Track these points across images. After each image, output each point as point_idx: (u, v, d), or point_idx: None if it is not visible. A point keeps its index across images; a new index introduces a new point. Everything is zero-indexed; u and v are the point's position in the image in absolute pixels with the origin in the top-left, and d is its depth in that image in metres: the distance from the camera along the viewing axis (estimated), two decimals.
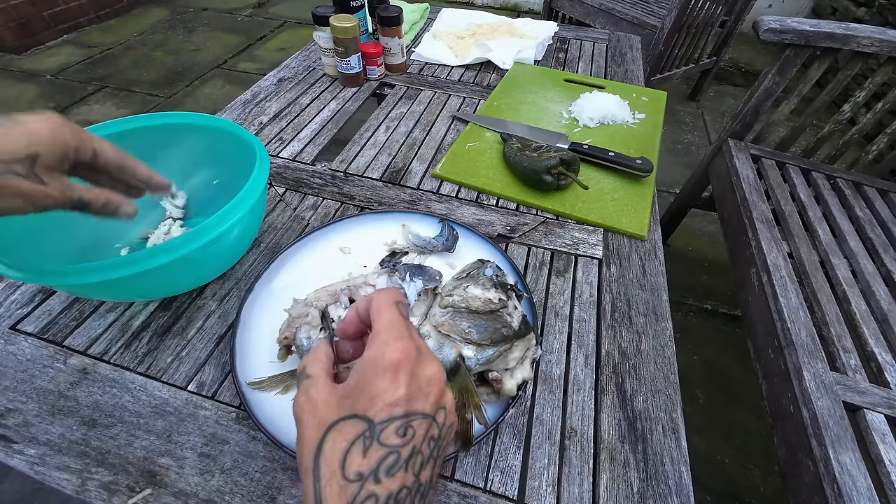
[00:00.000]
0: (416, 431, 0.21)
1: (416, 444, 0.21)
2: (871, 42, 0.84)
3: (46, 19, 2.25)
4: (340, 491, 0.19)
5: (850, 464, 0.51)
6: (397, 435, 0.21)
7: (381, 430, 0.21)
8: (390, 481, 0.20)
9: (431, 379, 0.23)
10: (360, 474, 0.20)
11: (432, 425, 0.22)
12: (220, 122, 0.48)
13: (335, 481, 0.20)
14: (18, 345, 0.42)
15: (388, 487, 0.20)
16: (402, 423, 0.21)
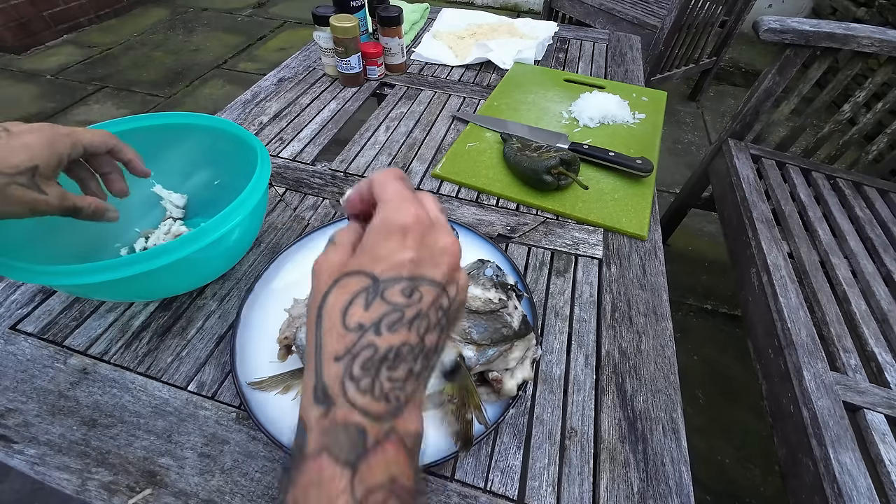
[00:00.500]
0: (424, 296, 0.21)
1: (423, 309, 0.21)
2: (871, 42, 0.84)
3: (46, 19, 2.25)
4: (339, 338, 0.20)
5: (850, 464, 0.51)
6: (402, 295, 0.20)
7: (386, 288, 0.20)
8: (392, 336, 0.20)
9: (444, 249, 0.22)
10: (360, 325, 0.20)
11: (441, 295, 0.21)
12: (221, 122, 0.48)
13: (335, 330, 0.20)
14: (18, 345, 0.42)
15: (389, 341, 0.20)
16: (408, 285, 0.21)
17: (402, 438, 0.19)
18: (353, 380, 0.19)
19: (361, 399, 0.19)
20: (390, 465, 0.18)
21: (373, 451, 0.18)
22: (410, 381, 0.20)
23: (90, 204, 0.36)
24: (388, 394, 0.19)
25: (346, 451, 0.18)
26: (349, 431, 0.18)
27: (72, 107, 1.87)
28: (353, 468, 0.17)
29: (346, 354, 0.19)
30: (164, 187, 0.52)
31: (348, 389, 0.19)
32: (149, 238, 0.51)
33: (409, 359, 0.20)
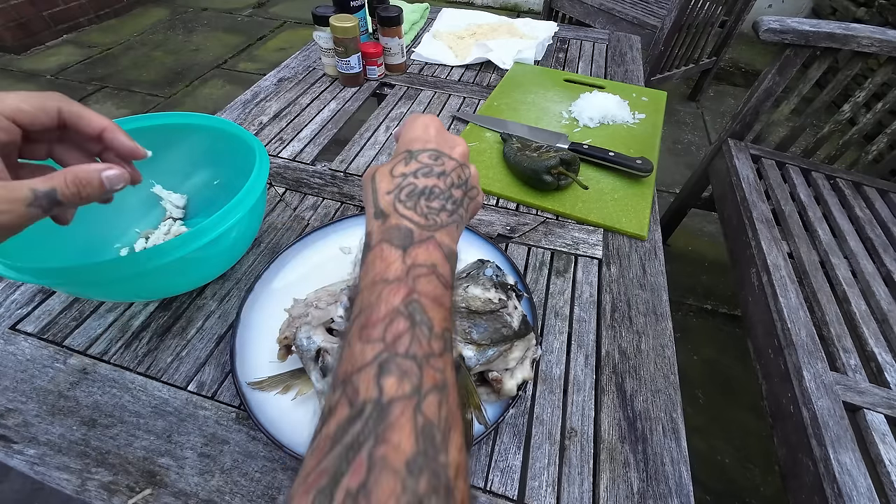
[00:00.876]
0: (446, 163, 0.27)
1: (446, 169, 0.27)
2: (870, 42, 0.84)
3: (46, 19, 2.25)
4: (389, 181, 0.26)
5: (850, 464, 0.51)
6: (430, 158, 0.27)
7: (418, 154, 0.27)
8: (426, 179, 0.26)
9: (456, 140, 0.29)
10: (402, 174, 0.26)
11: (458, 167, 0.28)
12: (220, 122, 0.48)
13: (385, 178, 0.26)
14: (18, 345, 0.42)
15: (425, 182, 0.26)
16: (434, 153, 0.28)
17: (439, 244, 0.24)
18: (401, 202, 0.25)
19: (408, 212, 0.24)
20: (432, 256, 0.23)
21: (418, 244, 0.23)
22: (444, 213, 0.25)
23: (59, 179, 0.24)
24: (427, 214, 0.25)
25: (398, 239, 0.23)
26: (400, 230, 0.24)
27: None
28: (404, 250, 0.23)
29: (394, 189, 0.26)
30: (163, 187, 0.52)
31: (398, 207, 0.25)
32: (149, 238, 0.51)
33: (441, 197, 0.26)
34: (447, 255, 0.24)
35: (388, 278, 0.22)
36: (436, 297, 0.22)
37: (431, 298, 0.21)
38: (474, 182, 0.29)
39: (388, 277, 0.22)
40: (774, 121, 1.01)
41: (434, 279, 0.22)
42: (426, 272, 0.22)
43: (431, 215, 0.25)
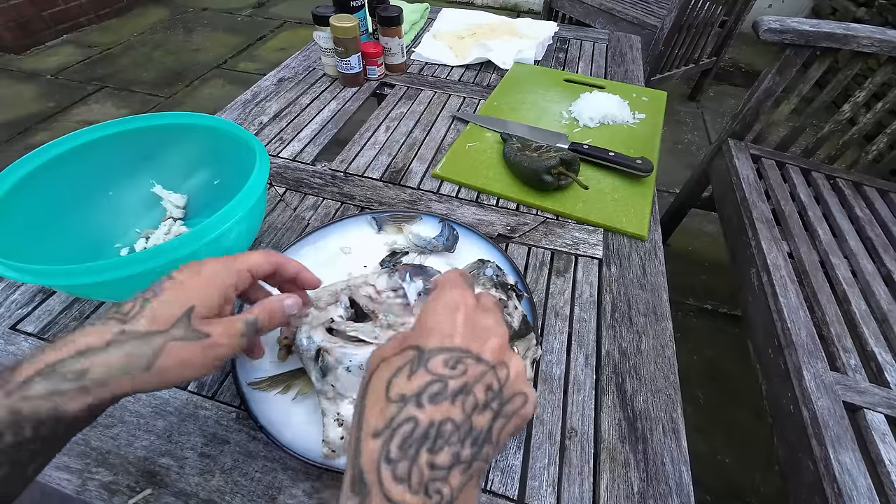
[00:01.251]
0: (469, 370, 0.20)
1: (468, 382, 0.20)
2: (870, 42, 0.84)
3: (46, 19, 2.25)
4: (381, 411, 0.19)
5: (850, 463, 0.51)
6: (446, 366, 0.20)
7: (430, 358, 0.20)
8: (434, 409, 0.19)
9: (489, 328, 0.22)
10: (402, 396, 0.19)
11: (489, 372, 0.21)
12: (220, 122, 0.48)
13: (378, 403, 0.19)
14: (19, 345, 0.42)
15: (431, 415, 0.19)
16: (452, 356, 0.20)
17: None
18: (391, 462, 0.18)
19: (397, 489, 0.17)
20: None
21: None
22: (457, 471, 0.18)
23: (261, 312, 0.29)
24: (427, 485, 0.17)
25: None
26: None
27: (71, 107, 1.87)
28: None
29: (385, 429, 0.18)
30: (164, 188, 0.52)
31: (384, 476, 0.17)
32: (149, 238, 0.51)
33: (454, 440, 0.18)
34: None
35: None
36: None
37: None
38: (515, 387, 0.21)
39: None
40: (774, 121, 1.01)
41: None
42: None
43: (436, 483, 0.17)
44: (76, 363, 0.22)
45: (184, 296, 0.25)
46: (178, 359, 0.24)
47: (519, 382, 0.22)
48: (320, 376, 0.33)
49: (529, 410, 0.22)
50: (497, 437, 0.20)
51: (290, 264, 0.33)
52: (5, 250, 0.36)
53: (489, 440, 0.19)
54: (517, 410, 0.21)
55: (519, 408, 0.21)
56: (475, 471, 0.19)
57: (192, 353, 0.24)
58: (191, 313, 0.25)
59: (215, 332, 0.25)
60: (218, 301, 0.27)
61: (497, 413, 0.20)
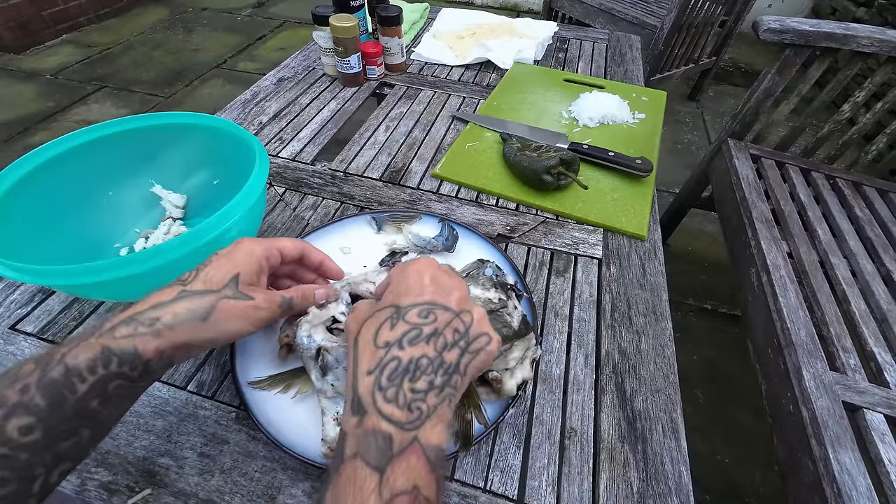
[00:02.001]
0: (438, 317, 0.26)
1: (439, 327, 0.26)
2: (870, 42, 0.84)
3: (46, 19, 2.25)
4: (372, 355, 0.25)
5: (850, 463, 0.51)
6: (420, 316, 0.26)
7: (406, 312, 0.26)
8: (412, 349, 0.24)
9: (452, 284, 0.28)
10: (387, 342, 0.25)
11: (455, 319, 0.26)
12: (220, 122, 0.48)
13: (368, 348, 0.25)
14: (18, 345, 0.42)
15: (410, 353, 0.24)
16: (424, 308, 0.26)
17: (423, 449, 0.22)
18: (382, 389, 0.23)
19: (387, 407, 0.23)
20: (413, 473, 0.21)
21: (398, 457, 0.21)
22: (432, 394, 0.24)
23: (297, 292, 0.34)
24: (410, 403, 0.23)
25: (375, 456, 0.21)
26: (378, 438, 0.22)
27: (71, 106, 1.87)
28: (381, 472, 0.20)
29: (376, 367, 0.24)
30: (163, 187, 0.52)
31: (377, 399, 0.23)
32: (148, 238, 0.51)
33: (429, 371, 0.24)
34: (433, 462, 0.22)
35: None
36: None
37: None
38: (479, 328, 0.27)
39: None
40: (774, 121, 1.01)
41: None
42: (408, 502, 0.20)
43: (416, 403, 0.23)
44: (150, 313, 0.27)
45: (230, 264, 0.30)
46: (229, 313, 0.29)
47: (482, 325, 0.27)
48: (320, 375, 0.33)
49: (494, 347, 0.27)
50: (464, 370, 0.26)
51: (315, 252, 0.37)
52: (5, 250, 0.36)
53: (457, 371, 0.25)
54: (482, 348, 0.27)
55: (484, 346, 0.27)
56: (446, 395, 0.24)
57: (241, 310, 0.29)
58: (238, 278, 0.30)
59: (259, 297, 0.30)
60: (256, 270, 0.32)
61: (464, 350, 0.26)
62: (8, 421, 0.21)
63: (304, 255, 0.36)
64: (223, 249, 0.32)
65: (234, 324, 0.29)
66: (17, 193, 0.41)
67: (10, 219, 0.39)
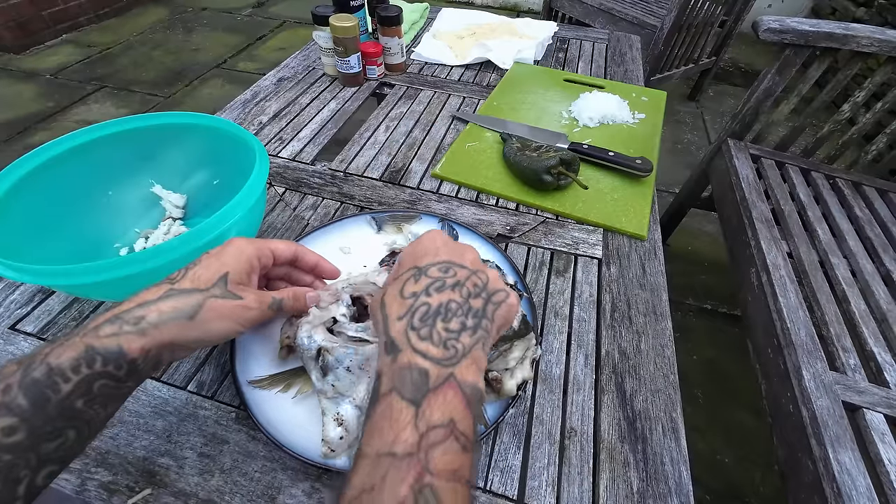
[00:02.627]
0: (458, 273, 0.26)
1: (461, 279, 0.26)
2: (870, 42, 0.84)
3: (45, 19, 2.24)
4: (400, 304, 0.25)
5: (850, 463, 0.51)
6: (440, 271, 0.26)
7: (427, 269, 0.27)
8: (440, 296, 0.25)
9: (464, 249, 0.29)
10: (413, 293, 0.25)
11: (473, 275, 0.27)
12: (220, 121, 0.48)
13: (396, 301, 0.25)
14: (18, 345, 0.42)
15: (439, 299, 0.25)
16: (443, 265, 0.27)
17: (459, 385, 0.21)
18: (415, 329, 0.23)
19: (422, 344, 0.23)
20: (449, 406, 0.21)
21: (434, 392, 0.21)
22: (465, 334, 0.24)
23: (288, 293, 0.34)
24: (445, 341, 0.23)
25: (410, 390, 0.21)
26: (413, 373, 0.21)
27: (71, 106, 1.87)
28: (417, 405, 0.20)
29: (406, 313, 0.24)
30: (163, 187, 0.52)
31: (411, 337, 0.23)
32: (148, 238, 0.51)
33: (460, 313, 0.24)
34: (469, 398, 0.21)
35: (396, 452, 0.19)
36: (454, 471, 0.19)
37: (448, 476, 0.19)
38: (496, 285, 0.27)
39: (397, 451, 0.19)
40: (774, 121, 1.01)
41: (452, 444, 0.19)
42: (443, 436, 0.19)
43: (451, 341, 0.23)
44: (136, 312, 0.26)
45: (218, 263, 0.30)
46: (216, 313, 0.28)
47: (497, 283, 0.27)
48: (321, 375, 0.33)
49: (514, 301, 0.27)
50: (492, 316, 0.26)
51: (309, 254, 0.37)
52: (4, 250, 0.36)
53: (486, 316, 0.25)
54: (503, 301, 0.27)
55: (503, 299, 0.27)
56: (479, 337, 0.24)
57: (229, 310, 0.29)
58: (227, 277, 0.30)
59: (248, 297, 0.30)
60: (246, 269, 0.31)
61: (487, 300, 0.26)
62: None
63: (298, 257, 0.36)
64: (213, 249, 0.32)
65: (221, 323, 0.29)
66: (16, 193, 0.41)
67: (10, 219, 0.39)
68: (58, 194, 0.44)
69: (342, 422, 0.32)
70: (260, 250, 0.33)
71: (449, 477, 0.19)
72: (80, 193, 0.46)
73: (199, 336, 0.28)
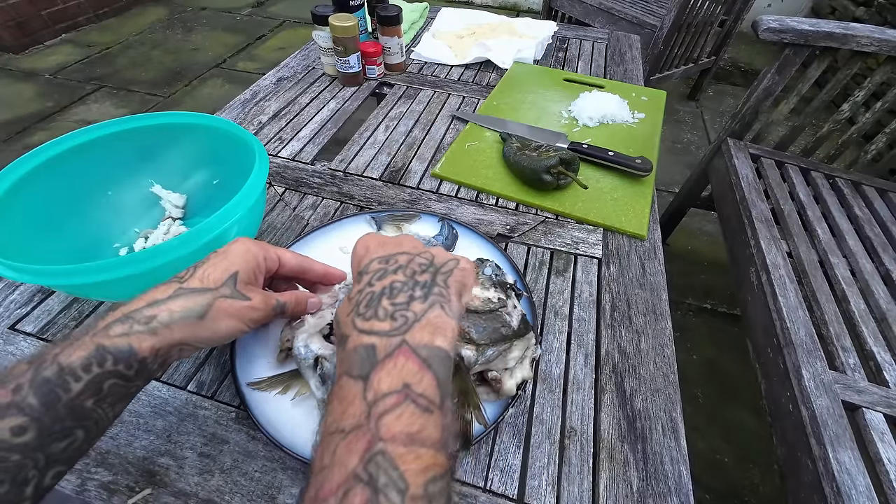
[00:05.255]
0: (399, 259, 0.26)
1: (402, 263, 0.26)
2: (869, 41, 0.84)
3: (45, 18, 2.24)
4: (346, 303, 0.25)
5: (849, 462, 0.51)
6: (380, 263, 0.27)
7: (367, 268, 0.27)
8: (382, 282, 0.25)
9: (401, 240, 0.29)
10: (358, 290, 0.25)
11: (416, 257, 0.27)
12: (219, 121, 0.48)
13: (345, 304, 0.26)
14: (17, 345, 0.42)
15: (382, 284, 0.25)
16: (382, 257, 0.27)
17: (413, 349, 0.21)
18: (360, 315, 0.23)
19: (367, 324, 0.23)
20: (402, 372, 0.20)
21: (383, 362, 0.21)
22: (416, 302, 0.23)
23: (291, 297, 0.34)
24: (393, 314, 0.23)
25: (358, 367, 0.21)
26: (360, 352, 0.21)
27: (70, 106, 1.87)
28: (365, 379, 0.20)
29: (353, 307, 0.24)
30: (163, 187, 0.52)
31: (357, 322, 0.23)
32: (148, 238, 0.51)
33: (405, 289, 0.24)
34: (426, 358, 0.21)
35: (344, 427, 0.18)
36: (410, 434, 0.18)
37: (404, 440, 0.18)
38: (443, 258, 0.27)
39: (344, 426, 0.18)
40: (774, 120, 1.01)
41: (408, 407, 0.19)
42: (395, 401, 0.19)
43: (399, 311, 0.23)
44: (146, 311, 0.26)
45: (228, 262, 0.30)
46: (225, 312, 0.28)
47: (444, 256, 0.28)
48: (319, 384, 0.33)
49: (465, 265, 0.27)
50: (445, 283, 0.25)
51: (316, 265, 0.37)
52: (4, 250, 0.36)
53: (437, 284, 0.25)
54: (453, 268, 0.27)
55: (453, 267, 0.27)
56: (434, 301, 0.24)
57: (237, 310, 0.29)
58: (236, 277, 0.30)
59: (255, 298, 0.30)
60: (253, 269, 0.31)
61: (436, 272, 0.26)
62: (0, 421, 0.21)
63: (305, 270, 0.36)
64: (221, 248, 0.32)
65: (229, 323, 0.29)
66: (16, 193, 0.40)
67: (10, 219, 0.39)
68: (57, 194, 0.44)
69: None
70: (267, 252, 0.33)
71: (405, 441, 0.18)
72: (79, 193, 0.46)
73: (208, 336, 0.28)
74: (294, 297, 0.34)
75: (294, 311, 0.34)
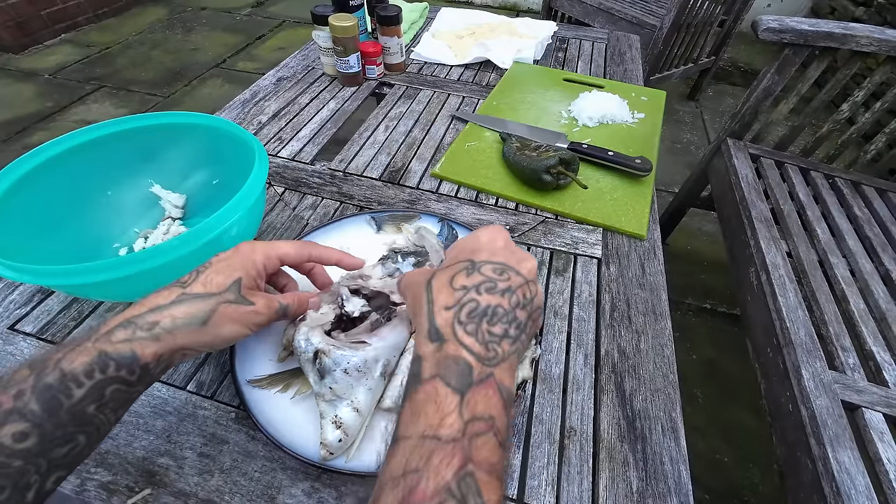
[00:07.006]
0: (512, 278, 0.25)
1: (512, 286, 0.25)
2: (869, 41, 0.84)
3: (44, 18, 2.24)
4: (448, 294, 0.24)
5: (849, 462, 0.51)
6: (494, 272, 0.25)
7: (481, 266, 0.25)
8: (489, 297, 0.24)
9: (526, 256, 0.27)
10: (463, 286, 0.24)
11: (525, 285, 0.25)
12: (219, 121, 0.48)
13: (445, 289, 0.25)
14: (17, 345, 0.42)
15: (488, 300, 0.24)
16: (498, 267, 0.26)
17: (498, 385, 0.21)
18: (461, 323, 0.23)
19: (468, 339, 0.22)
20: (490, 403, 0.21)
21: (477, 385, 0.21)
22: (506, 342, 0.23)
23: (293, 299, 0.34)
24: (488, 343, 0.23)
25: (456, 379, 0.21)
26: (458, 364, 0.21)
27: (70, 106, 1.86)
28: (462, 395, 0.20)
29: (455, 305, 0.24)
30: (162, 187, 0.52)
31: (457, 330, 0.23)
32: (148, 238, 0.51)
33: (504, 320, 0.24)
34: (506, 401, 0.21)
35: (441, 436, 0.19)
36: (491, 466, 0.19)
37: (487, 470, 0.19)
38: (540, 302, 0.27)
39: (442, 435, 0.19)
40: (773, 120, 1.01)
41: (491, 440, 0.19)
42: (484, 429, 0.20)
43: (493, 344, 0.23)
44: (149, 317, 0.26)
45: (231, 268, 0.30)
46: (229, 318, 0.29)
47: (541, 301, 0.27)
48: (318, 378, 0.33)
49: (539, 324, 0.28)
50: (529, 333, 0.25)
51: (329, 254, 0.37)
52: (3, 250, 0.36)
53: (525, 330, 0.25)
54: (538, 318, 0.27)
55: (538, 318, 0.27)
56: (516, 349, 0.24)
57: (241, 315, 0.29)
58: (240, 283, 0.30)
59: (259, 302, 0.31)
60: (255, 275, 0.32)
61: (530, 314, 0.25)
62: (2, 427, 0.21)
63: (313, 259, 0.36)
64: (223, 252, 0.32)
65: (231, 327, 0.29)
66: (16, 193, 0.40)
67: (9, 218, 0.39)
68: (57, 194, 0.44)
69: (340, 425, 0.32)
70: (267, 257, 0.33)
71: (488, 469, 0.19)
72: (79, 193, 0.46)
73: (211, 340, 0.28)
74: (296, 299, 0.34)
75: (296, 312, 0.35)
